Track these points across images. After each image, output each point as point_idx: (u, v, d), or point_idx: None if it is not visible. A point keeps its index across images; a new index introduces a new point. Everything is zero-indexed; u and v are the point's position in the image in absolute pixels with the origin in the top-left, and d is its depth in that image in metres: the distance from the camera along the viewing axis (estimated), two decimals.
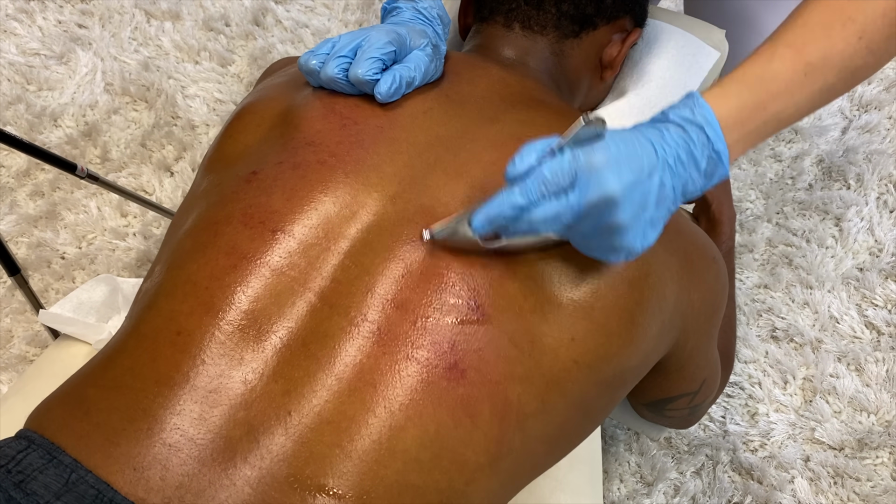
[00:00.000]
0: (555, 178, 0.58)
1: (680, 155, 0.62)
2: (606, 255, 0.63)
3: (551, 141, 0.60)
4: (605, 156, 0.58)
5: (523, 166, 0.60)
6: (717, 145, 0.62)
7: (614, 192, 0.57)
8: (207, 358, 0.61)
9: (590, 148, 0.58)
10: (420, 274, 0.64)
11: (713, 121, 0.62)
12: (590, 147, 0.58)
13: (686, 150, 0.62)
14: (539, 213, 0.59)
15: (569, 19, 0.88)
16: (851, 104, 1.62)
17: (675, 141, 0.62)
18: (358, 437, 0.59)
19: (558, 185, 0.58)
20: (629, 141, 0.60)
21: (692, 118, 0.63)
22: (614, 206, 0.58)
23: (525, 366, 0.64)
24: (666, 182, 0.61)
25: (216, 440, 0.59)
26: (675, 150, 0.62)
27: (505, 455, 0.64)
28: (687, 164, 0.62)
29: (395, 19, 0.83)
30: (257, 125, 0.77)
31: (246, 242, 0.65)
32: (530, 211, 0.59)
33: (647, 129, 0.63)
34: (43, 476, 0.57)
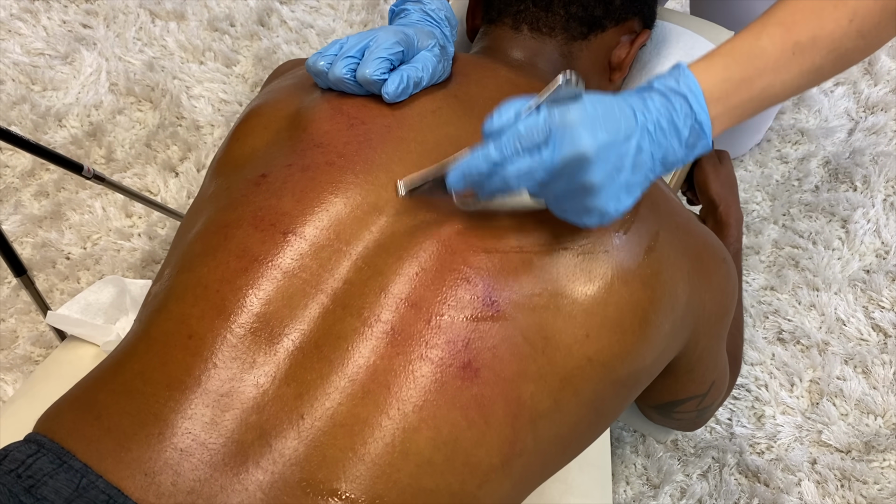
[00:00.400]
0: (529, 133, 0.58)
1: (661, 122, 0.62)
2: (580, 218, 0.63)
3: (530, 99, 0.60)
4: (581, 114, 0.58)
5: (500, 122, 0.60)
6: (700, 116, 0.62)
7: (587, 149, 0.57)
8: (219, 361, 0.61)
9: (565, 106, 0.58)
10: (435, 271, 0.64)
11: (697, 91, 0.62)
12: (566, 105, 0.58)
13: (667, 119, 0.62)
14: (512, 169, 0.59)
15: (577, 21, 0.88)
16: (858, 106, 1.61)
17: (657, 108, 0.62)
18: (371, 440, 0.59)
19: (532, 140, 0.58)
20: (608, 103, 0.60)
21: (676, 87, 0.62)
22: (587, 164, 0.57)
23: (538, 363, 0.64)
24: (644, 147, 0.61)
25: (228, 444, 0.59)
26: (655, 116, 0.61)
27: (517, 456, 0.64)
28: (668, 132, 0.62)
29: (402, 21, 0.83)
30: (265, 128, 0.76)
31: (257, 245, 0.65)
32: (504, 166, 0.59)
33: (630, 95, 0.63)
34: (53, 481, 0.57)
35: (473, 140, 0.72)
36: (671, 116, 0.62)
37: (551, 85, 0.59)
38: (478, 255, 0.65)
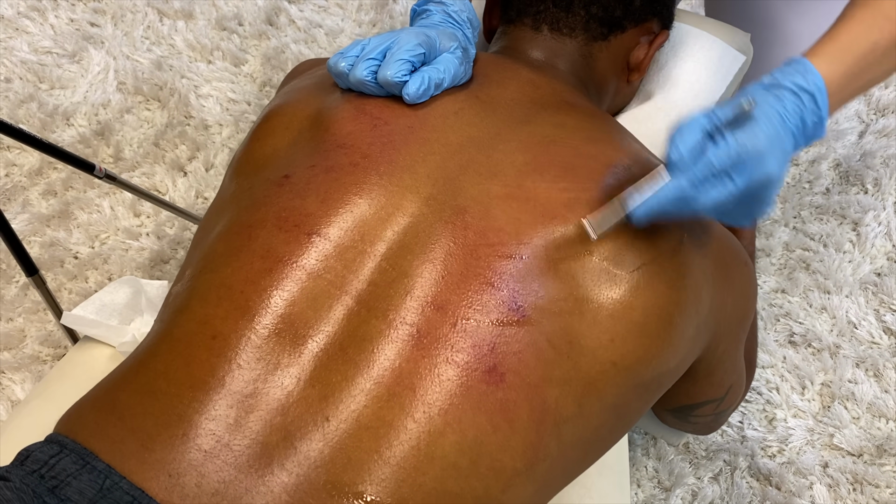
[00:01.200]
0: (720, 163, 0.61)
1: (797, 122, 0.65)
2: (740, 222, 0.66)
3: (706, 120, 0.63)
4: (766, 139, 0.61)
5: (686, 149, 0.62)
6: (823, 112, 0.66)
7: (775, 172, 0.61)
8: (243, 362, 0.61)
9: (751, 132, 0.61)
10: (460, 275, 0.63)
11: (823, 89, 0.66)
12: (750, 130, 0.61)
13: (800, 116, 0.66)
14: (705, 200, 0.62)
15: (597, 22, 0.87)
16: (868, 108, 1.61)
17: (794, 109, 0.65)
18: (396, 443, 0.58)
19: (724, 169, 0.61)
20: (771, 117, 0.63)
21: (805, 86, 0.66)
22: (771, 185, 0.62)
23: (563, 368, 0.64)
24: (789, 150, 0.65)
25: (252, 446, 0.58)
26: (796, 119, 0.65)
27: (541, 460, 0.63)
28: (801, 129, 0.66)
29: (424, 22, 0.82)
30: (286, 128, 0.76)
31: (281, 246, 0.65)
32: (696, 199, 0.62)
33: (771, 99, 0.65)
34: (77, 482, 0.57)
35: (496, 141, 0.72)
36: (802, 114, 0.66)
37: (728, 104, 0.62)
38: (503, 260, 0.64)
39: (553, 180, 0.69)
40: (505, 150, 0.71)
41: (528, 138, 0.73)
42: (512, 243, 0.65)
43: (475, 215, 0.66)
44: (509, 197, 0.68)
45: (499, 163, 0.70)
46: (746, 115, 0.63)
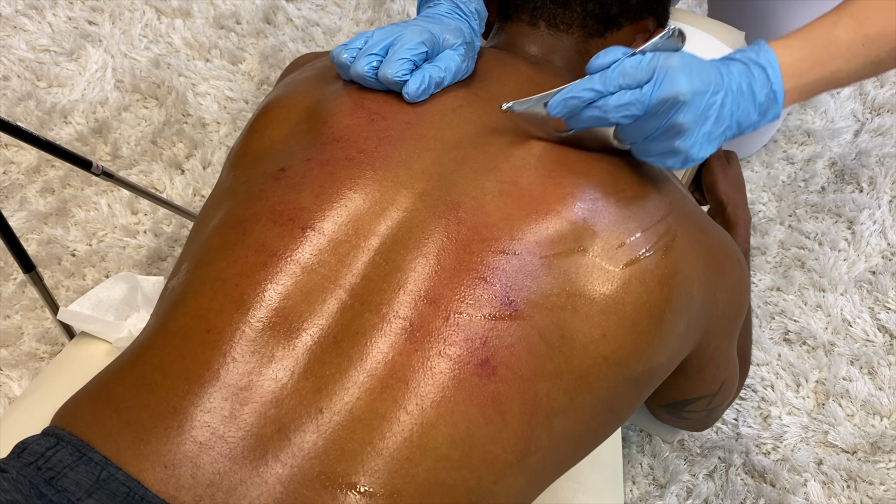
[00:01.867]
0: (634, 70, 0.64)
1: (741, 85, 0.69)
2: (663, 160, 0.69)
3: (632, 51, 0.67)
4: (682, 62, 0.64)
5: (606, 60, 0.66)
6: (776, 85, 0.70)
7: (684, 91, 0.63)
8: (238, 355, 0.61)
9: (668, 54, 0.65)
10: (453, 269, 0.64)
11: (775, 64, 0.70)
12: (668, 54, 0.65)
13: (747, 84, 0.69)
14: (613, 100, 0.65)
15: (594, 19, 0.88)
16: (864, 107, 1.62)
17: (739, 73, 0.69)
18: (389, 435, 0.59)
19: (635, 78, 0.65)
20: (700, 61, 0.67)
21: (756, 59, 0.70)
22: (681, 105, 0.64)
23: (555, 362, 0.64)
24: (726, 104, 0.68)
25: (247, 438, 0.59)
26: (737, 79, 0.69)
27: (533, 452, 0.64)
28: (746, 95, 0.69)
29: (430, 11, 0.82)
30: (284, 120, 0.76)
31: (275, 240, 0.65)
32: (606, 98, 0.65)
33: (716, 61, 0.71)
34: (73, 473, 0.57)
35: (493, 138, 0.73)
36: (750, 82, 0.69)
37: (656, 35, 0.68)
38: (495, 255, 0.65)
39: (547, 176, 0.69)
40: (501, 145, 0.72)
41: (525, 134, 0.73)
42: (505, 238, 0.65)
43: (469, 210, 0.67)
44: (503, 192, 0.68)
45: (494, 158, 0.71)
46: (676, 51, 0.67)
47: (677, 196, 0.75)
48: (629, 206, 0.70)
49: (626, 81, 0.64)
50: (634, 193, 0.71)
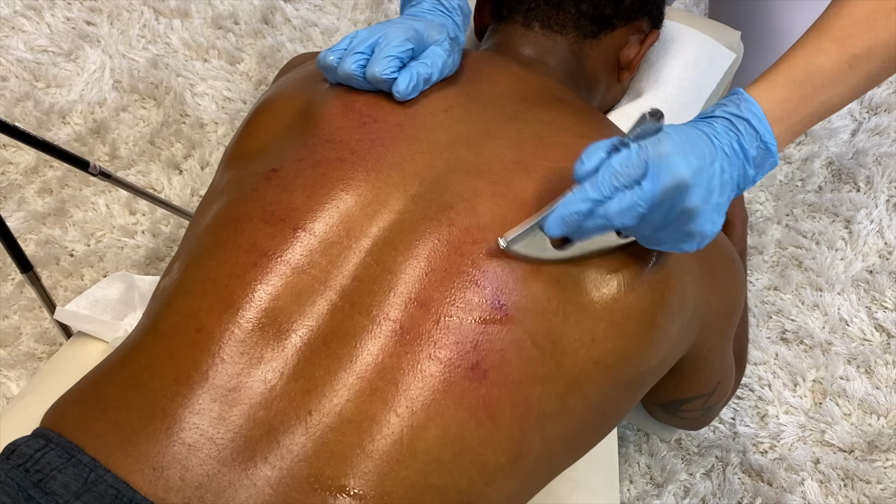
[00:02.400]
0: (625, 169, 0.59)
1: (732, 145, 0.65)
2: (679, 245, 0.64)
3: (614, 140, 0.62)
4: (672, 144, 0.59)
5: (591, 164, 0.61)
6: (765, 136, 0.66)
7: (686, 175, 0.58)
8: (227, 356, 0.61)
9: (655, 139, 0.60)
10: (444, 272, 0.64)
11: (760, 115, 0.66)
12: (655, 138, 0.60)
13: (737, 142, 0.65)
14: (614, 206, 0.59)
15: (588, 20, 0.88)
16: (861, 107, 1.61)
17: (726, 132, 0.65)
18: (379, 437, 0.59)
19: (629, 176, 0.59)
20: (688, 132, 0.62)
21: (739, 113, 0.66)
22: (686, 189, 0.59)
23: (546, 366, 0.64)
24: (725, 168, 0.64)
25: (236, 440, 0.59)
26: (728, 140, 0.65)
27: (525, 456, 0.64)
28: (739, 154, 0.65)
29: (413, 10, 0.82)
30: (277, 122, 0.76)
31: (266, 240, 0.65)
32: (605, 204, 0.60)
33: (698, 123, 0.65)
34: (62, 475, 0.57)
35: (485, 139, 0.73)
36: (739, 139, 0.65)
37: (635, 124, 0.60)
38: (487, 259, 0.65)
39: (540, 179, 0.69)
40: (494, 147, 0.72)
41: (518, 135, 0.73)
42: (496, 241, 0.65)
43: (461, 212, 0.67)
44: (496, 195, 0.68)
45: (487, 160, 0.71)
46: (659, 132, 0.61)
47: None
48: None
49: (621, 182, 0.59)
50: None
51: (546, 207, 0.63)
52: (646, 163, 0.59)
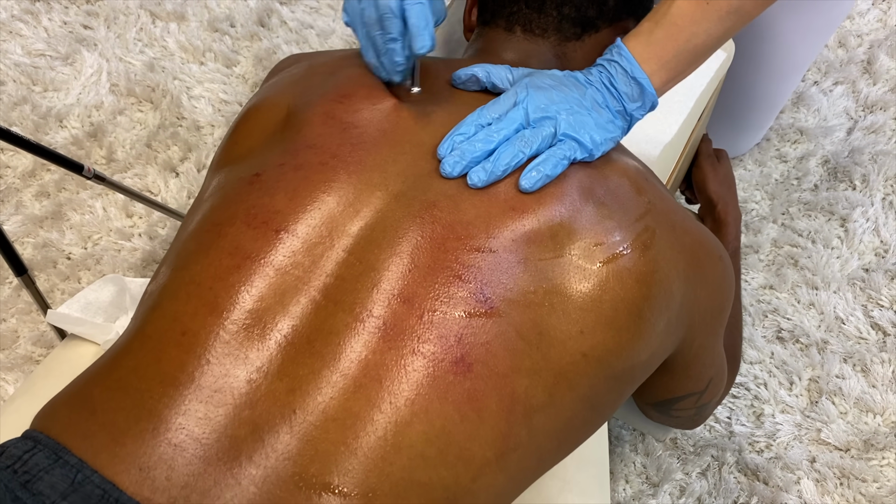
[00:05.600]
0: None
1: (602, 81, 0.77)
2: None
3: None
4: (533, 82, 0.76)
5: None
6: (633, 73, 0.77)
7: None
8: (212, 358, 0.61)
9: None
10: (427, 267, 0.64)
11: (627, 55, 0.77)
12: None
13: (608, 80, 0.77)
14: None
15: (570, 22, 0.88)
16: (857, 105, 1.61)
17: (599, 74, 0.78)
18: (363, 434, 0.59)
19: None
20: (553, 74, 0.78)
21: (611, 57, 0.78)
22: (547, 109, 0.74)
23: (532, 359, 0.64)
24: (596, 98, 0.76)
25: (221, 439, 0.59)
26: (598, 78, 0.78)
27: (512, 450, 0.64)
28: (611, 89, 0.77)
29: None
30: (261, 129, 0.77)
31: (249, 243, 0.66)
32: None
33: (579, 71, 0.80)
34: (49, 476, 0.57)
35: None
36: (610, 79, 0.77)
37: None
38: (470, 253, 0.65)
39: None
40: None
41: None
42: (481, 236, 0.65)
43: (444, 209, 0.67)
44: (479, 191, 0.68)
45: None
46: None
47: (656, 194, 0.75)
48: (607, 205, 0.70)
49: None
50: (612, 192, 0.71)
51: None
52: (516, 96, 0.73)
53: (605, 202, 0.70)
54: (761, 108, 1.45)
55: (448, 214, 0.66)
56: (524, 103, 0.73)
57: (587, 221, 0.68)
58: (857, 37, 1.69)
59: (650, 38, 0.78)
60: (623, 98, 0.77)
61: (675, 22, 0.77)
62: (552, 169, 0.69)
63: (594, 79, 0.78)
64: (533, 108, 0.73)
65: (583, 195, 0.70)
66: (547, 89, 0.74)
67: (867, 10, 1.71)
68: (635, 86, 0.77)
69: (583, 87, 0.77)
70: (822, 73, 1.66)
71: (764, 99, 1.42)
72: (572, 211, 0.68)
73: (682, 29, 0.77)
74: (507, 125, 0.72)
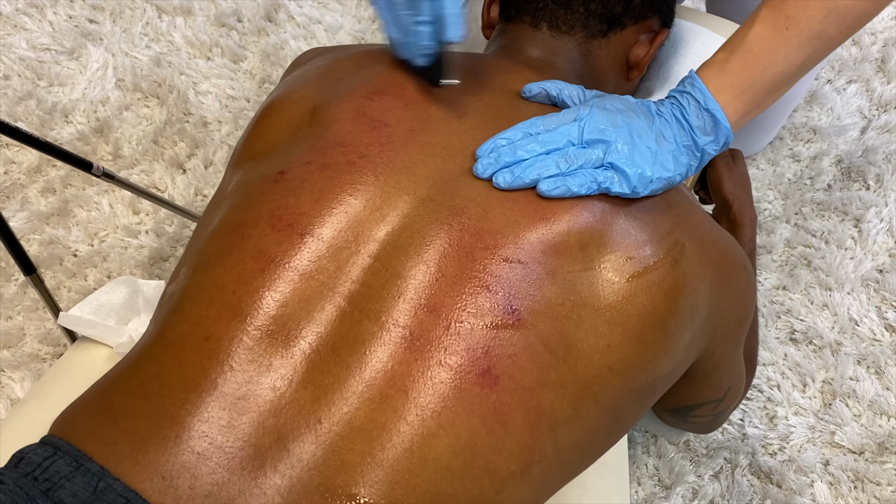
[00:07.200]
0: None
1: (674, 114, 0.73)
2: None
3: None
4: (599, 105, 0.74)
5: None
6: (707, 105, 0.73)
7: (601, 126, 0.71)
8: (235, 364, 0.60)
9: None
10: (454, 277, 0.63)
11: (701, 86, 0.73)
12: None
13: (679, 112, 0.73)
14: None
15: (597, 19, 0.87)
16: (871, 104, 1.60)
17: (671, 106, 0.74)
18: (389, 446, 0.58)
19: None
20: (626, 101, 0.75)
21: (683, 89, 0.74)
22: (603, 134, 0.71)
23: (559, 372, 0.63)
24: (664, 131, 0.72)
25: (245, 448, 0.58)
26: (669, 111, 0.73)
27: (537, 462, 0.63)
28: (682, 122, 0.73)
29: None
30: (286, 123, 0.75)
31: (273, 246, 0.64)
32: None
33: (653, 101, 0.76)
34: (70, 484, 0.56)
35: None
36: (682, 111, 0.73)
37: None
38: (499, 263, 0.64)
39: None
40: None
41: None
42: (509, 246, 0.64)
43: (472, 217, 0.66)
44: (510, 199, 0.67)
45: None
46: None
47: (686, 206, 0.74)
48: (637, 218, 0.69)
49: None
50: (642, 204, 0.70)
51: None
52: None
53: (635, 215, 0.69)
54: (775, 107, 1.44)
55: (476, 223, 0.65)
56: (583, 121, 0.70)
57: (618, 234, 0.67)
58: (871, 35, 1.68)
59: (724, 68, 0.73)
60: (694, 131, 0.73)
61: (750, 49, 0.72)
62: (577, 187, 0.67)
63: (665, 110, 0.74)
64: (590, 128, 0.70)
65: (613, 207, 0.69)
66: (613, 112, 0.71)
67: None
68: (708, 118, 0.73)
69: (651, 117, 0.73)
70: (835, 71, 1.65)
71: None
72: (603, 223, 0.67)
73: (759, 57, 0.72)
74: (556, 139, 0.70)
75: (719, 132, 0.73)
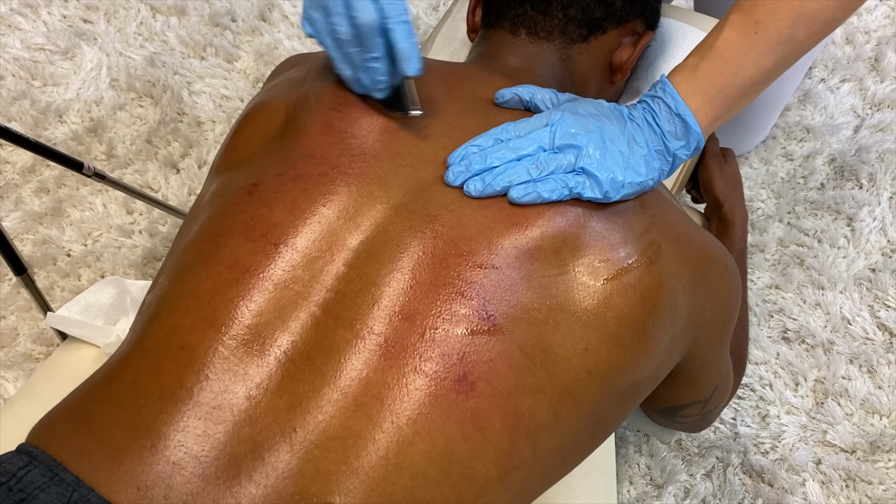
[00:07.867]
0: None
1: (645, 118, 0.73)
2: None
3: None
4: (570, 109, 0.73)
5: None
6: (678, 110, 0.73)
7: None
8: (211, 373, 0.60)
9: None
10: (429, 284, 0.63)
11: (672, 91, 0.73)
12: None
13: (651, 117, 0.73)
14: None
15: (576, 24, 0.86)
16: (864, 103, 1.60)
17: (643, 111, 0.74)
18: (364, 454, 0.58)
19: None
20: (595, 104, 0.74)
21: (654, 94, 0.74)
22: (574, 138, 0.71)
23: (536, 376, 0.63)
24: (634, 134, 0.72)
25: (220, 457, 0.58)
26: (641, 115, 0.73)
27: (516, 468, 0.63)
28: (653, 126, 0.73)
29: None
30: (259, 135, 0.75)
31: (248, 256, 0.64)
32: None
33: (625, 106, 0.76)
34: (44, 495, 0.56)
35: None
36: (654, 116, 0.73)
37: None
38: (473, 269, 0.64)
39: None
40: None
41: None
42: (483, 252, 0.64)
43: (446, 224, 0.66)
44: (482, 206, 0.67)
45: None
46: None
47: (661, 206, 0.74)
48: (611, 220, 0.69)
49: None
50: (616, 206, 0.70)
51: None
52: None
53: (609, 217, 0.69)
54: (766, 105, 1.44)
55: (449, 230, 0.65)
56: (554, 126, 0.70)
57: (592, 237, 0.67)
58: (865, 34, 1.67)
59: (695, 73, 0.73)
60: (666, 136, 0.73)
61: (721, 54, 0.72)
62: (549, 192, 0.67)
63: (637, 115, 0.74)
64: (562, 133, 0.70)
65: (587, 210, 0.68)
66: (584, 117, 0.71)
67: (875, 6, 1.69)
68: (679, 123, 0.73)
69: (623, 122, 0.73)
70: (828, 70, 1.64)
71: (768, 96, 1.41)
72: (576, 227, 0.67)
73: (729, 61, 0.72)
74: (526, 144, 0.70)
75: (690, 137, 0.73)
